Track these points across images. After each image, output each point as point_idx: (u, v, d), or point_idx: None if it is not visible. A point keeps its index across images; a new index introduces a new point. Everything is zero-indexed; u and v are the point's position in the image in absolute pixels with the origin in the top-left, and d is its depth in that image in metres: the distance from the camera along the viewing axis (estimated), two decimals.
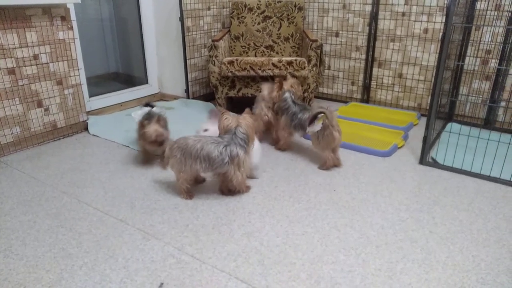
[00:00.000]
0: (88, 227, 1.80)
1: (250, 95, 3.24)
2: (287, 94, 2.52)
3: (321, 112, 2.27)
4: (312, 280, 1.48)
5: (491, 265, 1.57)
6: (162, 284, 1.46)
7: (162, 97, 3.87)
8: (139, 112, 2.47)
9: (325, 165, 2.37)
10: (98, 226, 1.81)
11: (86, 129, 2.98)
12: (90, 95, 3.24)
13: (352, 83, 3.74)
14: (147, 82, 3.83)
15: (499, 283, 1.47)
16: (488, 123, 3.09)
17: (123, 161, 2.48)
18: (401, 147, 2.71)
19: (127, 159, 2.51)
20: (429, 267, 1.56)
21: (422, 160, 2.46)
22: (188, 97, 3.69)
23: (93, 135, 2.90)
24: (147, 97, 3.73)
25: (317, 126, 2.29)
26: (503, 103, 3.03)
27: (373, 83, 3.62)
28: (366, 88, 3.66)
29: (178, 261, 1.58)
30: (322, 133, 2.28)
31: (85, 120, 2.99)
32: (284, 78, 2.66)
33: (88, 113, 3.10)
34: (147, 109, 2.47)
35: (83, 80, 3.02)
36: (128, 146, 2.70)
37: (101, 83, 3.95)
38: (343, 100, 3.82)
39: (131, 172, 2.32)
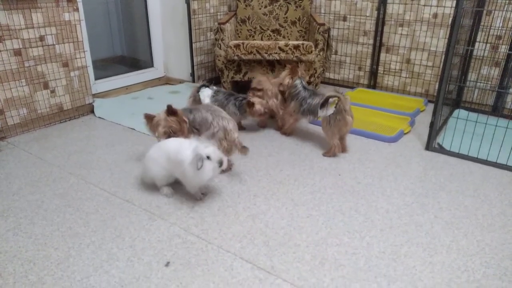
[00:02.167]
0: (95, 207, 1.82)
1: None
2: (298, 81, 2.49)
3: (333, 96, 2.23)
4: (316, 261, 1.49)
5: (495, 250, 1.57)
6: (168, 263, 1.48)
7: (167, 81, 3.85)
8: (206, 94, 2.56)
9: (330, 152, 2.35)
10: (105, 207, 1.83)
11: (92, 111, 2.99)
12: (96, 78, 3.23)
13: (359, 69, 3.71)
14: (152, 66, 3.82)
15: (503, 267, 1.48)
16: (496, 110, 3.06)
17: (129, 143, 2.49)
18: (407, 133, 2.70)
19: (133, 142, 2.52)
20: (434, 251, 1.56)
21: (428, 146, 2.45)
22: (193, 81, 3.67)
23: (99, 117, 2.91)
24: (152, 80, 3.72)
25: (330, 110, 2.24)
26: None
27: (381, 69, 3.58)
28: (373, 73, 3.63)
29: (184, 241, 1.60)
30: (334, 118, 2.24)
31: (91, 103, 2.99)
32: (297, 65, 2.64)
33: (94, 95, 3.10)
34: (207, 89, 2.59)
35: (89, 63, 3.01)
36: (133, 129, 2.71)
37: (106, 66, 3.94)
38: (350, 85, 3.79)
39: (137, 155, 2.33)
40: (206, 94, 2.56)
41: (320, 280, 1.40)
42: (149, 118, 2.09)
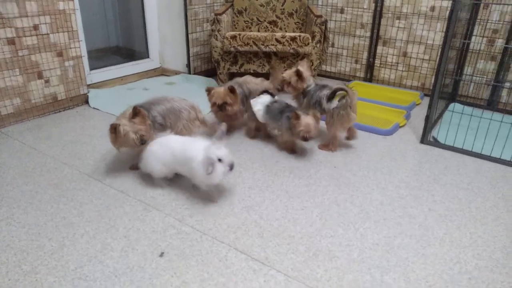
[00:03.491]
0: (89, 198, 1.81)
1: (252, 71, 3.21)
2: (310, 78, 2.40)
3: (341, 89, 2.16)
4: (310, 252, 1.50)
5: (487, 242, 1.59)
6: (162, 253, 1.48)
7: (163, 72, 3.83)
8: (261, 100, 2.31)
9: (327, 147, 2.31)
10: (99, 197, 1.82)
11: (87, 102, 2.97)
12: (91, 68, 3.20)
13: (356, 61, 3.70)
14: (148, 57, 3.79)
15: (494, 259, 1.49)
16: (491, 104, 3.07)
17: None
18: (403, 126, 2.70)
19: None
20: (427, 242, 1.58)
21: (424, 139, 2.46)
22: (189, 72, 3.65)
23: (94, 108, 2.89)
24: (148, 71, 3.70)
25: (334, 103, 2.18)
26: (507, 84, 3.00)
27: (377, 62, 3.58)
28: (370, 66, 3.62)
29: (178, 231, 1.60)
30: (338, 112, 2.17)
31: (86, 93, 2.97)
32: (302, 58, 2.58)
33: (89, 86, 3.08)
34: (265, 96, 2.33)
35: (84, 53, 2.98)
36: None
37: (102, 56, 3.91)
38: (346, 78, 3.78)
39: None
40: (261, 101, 2.31)
41: (314, 271, 1.41)
42: (114, 128, 1.84)
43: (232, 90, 2.29)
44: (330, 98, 2.20)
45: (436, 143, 2.43)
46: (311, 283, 1.36)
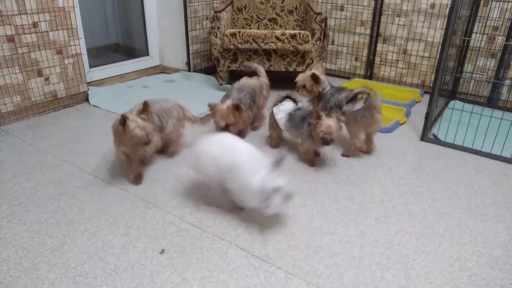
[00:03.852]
0: (89, 195, 1.81)
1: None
2: (325, 80, 2.32)
3: (363, 92, 2.06)
4: (310, 249, 1.50)
5: (487, 239, 1.59)
6: (163, 250, 1.48)
7: (163, 69, 3.83)
8: (284, 108, 2.17)
9: (349, 151, 2.21)
10: (99, 195, 1.82)
11: (87, 99, 2.96)
12: (91, 66, 3.20)
13: (356, 59, 3.70)
14: (148, 54, 3.78)
15: (494, 256, 1.50)
16: (491, 101, 3.07)
17: None
18: (403, 123, 2.70)
19: None
20: (427, 239, 1.58)
21: (424, 137, 2.46)
22: (189, 70, 3.65)
23: (94, 106, 2.89)
24: (148, 69, 3.69)
25: (358, 105, 2.07)
26: (507, 81, 3.00)
27: (377, 59, 3.57)
28: (370, 64, 3.62)
29: (179, 229, 1.60)
30: (362, 114, 2.07)
31: (86, 91, 2.97)
32: (320, 64, 2.39)
33: (89, 83, 3.07)
34: (289, 102, 2.18)
35: (84, 50, 2.97)
36: None
37: (101, 54, 3.90)
38: (346, 76, 3.78)
39: None
40: (283, 109, 2.16)
41: (314, 267, 1.41)
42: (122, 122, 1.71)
43: (237, 107, 2.15)
44: (352, 100, 2.10)
45: (436, 141, 2.43)
46: (311, 280, 1.36)
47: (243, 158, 1.56)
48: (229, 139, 1.66)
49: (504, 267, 1.45)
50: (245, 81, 2.44)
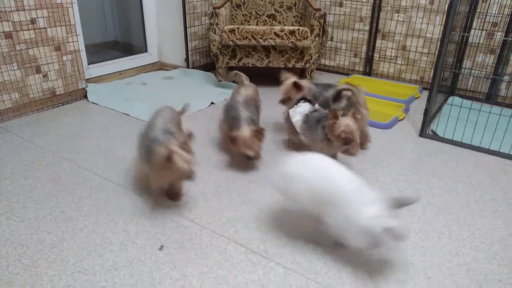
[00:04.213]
0: (88, 192, 1.81)
1: (251, 65, 3.20)
2: (307, 83, 2.28)
3: (346, 89, 2.09)
4: (309, 245, 1.50)
5: (486, 235, 1.59)
6: (162, 247, 1.48)
7: (161, 66, 3.82)
8: (300, 110, 2.07)
9: (347, 151, 2.13)
10: (98, 191, 1.82)
11: (85, 96, 2.96)
12: (89, 63, 3.19)
13: (355, 55, 3.69)
14: (146, 51, 3.77)
15: (492, 251, 1.50)
16: (490, 97, 3.07)
17: (122, 129, 2.48)
18: (402, 119, 2.70)
19: (127, 127, 2.50)
20: (425, 235, 1.58)
21: (422, 133, 2.46)
22: (188, 67, 3.64)
23: (92, 102, 2.88)
24: (146, 66, 3.68)
25: (342, 102, 2.09)
26: (506, 77, 3.00)
27: (376, 55, 3.57)
28: (369, 60, 3.61)
29: (178, 225, 1.60)
30: (346, 112, 2.02)
31: (84, 88, 2.96)
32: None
33: (87, 80, 3.07)
34: (305, 104, 2.09)
35: (82, 47, 2.96)
36: (127, 114, 2.68)
37: (100, 51, 3.89)
38: (345, 72, 3.77)
39: (130, 140, 2.32)
40: (300, 110, 2.08)
41: (313, 264, 1.42)
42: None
43: (260, 131, 1.97)
44: (336, 98, 2.12)
45: (435, 137, 2.43)
46: (310, 276, 1.36)
47: (347, 189, 1.33)
48: (328, 163, 1.43)
49: (502, 262, 1.45)
50: (244, 91, 2.26)
